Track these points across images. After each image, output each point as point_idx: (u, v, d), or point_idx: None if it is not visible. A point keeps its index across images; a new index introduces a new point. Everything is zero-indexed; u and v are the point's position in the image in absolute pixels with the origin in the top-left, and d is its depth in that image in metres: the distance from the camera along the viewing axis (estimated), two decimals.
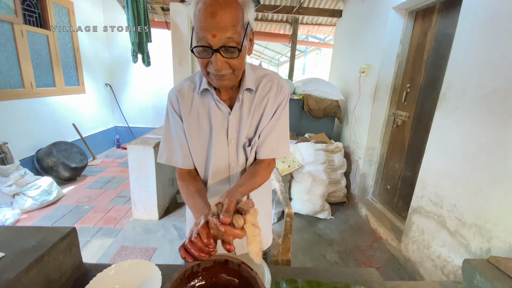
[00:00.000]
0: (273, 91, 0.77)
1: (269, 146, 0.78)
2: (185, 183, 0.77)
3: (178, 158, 0.79)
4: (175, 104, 0.77)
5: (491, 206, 1.34)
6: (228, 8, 0.58)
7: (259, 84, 0.76)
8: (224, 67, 0.63)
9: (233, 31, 0.59)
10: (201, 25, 0.58)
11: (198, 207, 0.66)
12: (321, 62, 10.65)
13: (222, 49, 0.60)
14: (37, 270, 0.61)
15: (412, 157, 2.25)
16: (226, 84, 0.68)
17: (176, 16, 3.32)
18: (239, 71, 0.67)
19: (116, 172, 3.63)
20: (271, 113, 0.77)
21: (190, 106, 0.76)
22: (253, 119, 0.76)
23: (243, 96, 0.75)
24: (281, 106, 0.78)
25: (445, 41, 1.91)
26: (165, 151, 0.80)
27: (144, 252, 2.03)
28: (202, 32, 0.59)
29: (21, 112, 2.96)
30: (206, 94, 0.76)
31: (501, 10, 1.33)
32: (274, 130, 0.78)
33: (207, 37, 0.59)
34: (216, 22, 0.57)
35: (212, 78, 0.66)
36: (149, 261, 0.72)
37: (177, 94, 0.77)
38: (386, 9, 2.41)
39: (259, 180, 0.74)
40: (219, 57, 0.61)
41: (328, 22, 4.32)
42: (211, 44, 0.59)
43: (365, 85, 2.79)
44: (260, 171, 0.75)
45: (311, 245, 2.25)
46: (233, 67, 0.64)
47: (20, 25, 2.87)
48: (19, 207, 2.42)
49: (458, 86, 1.57)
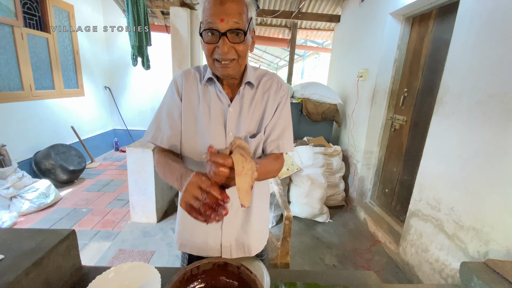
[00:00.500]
0: (273, 89, 0.80)
1: (274, 142, 0.79)
2: (163, 154, 0.76)
3: (164, 137, 0.77)
4: (179, 84, 0.79)
5: (488, 210, 1.35)
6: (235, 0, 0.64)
7: (260, 81, 0.80)
8: (230, 51, 0.67)
9: (239, 17, 0.65)
10: (210, 12, 0.64)
11: (182, 169, 0.64)
12: (319, 66, 10.72)
13: (229, 33, 0.65)
14: (37, 273, 0.61)
15: (409, 161, 2.26)
16: (230, 72, 0.70)
17: (176, 20, 3.35)
18: (242, 60, 0.71)
19: (114, 175, 3.62)
20: (273, 109, 0.79)
21: (192, 91, 0.78)
22: (254, 114, 0.78)
23: (243, 90, 0.77)
24: (282, 103, 0.80)
25: (441, 46, 1.94)
26: (152, 129, 0.79)
27: (142, 255, 2.01)
28: (211, 17, 0.64)
29: (19, 115, 2.96)
30: (210, 84, 0.78)
31: (496, 17, 1.35)
32: (277, 126, 0.79)
33: (215, 22, 0.64)
34: (224, 9, 0.63)
35: (217, 66, 0.70)
36: (148, 264, 0.72)
37: (183, 75, 0.79)
38: (384, 15, 2.45)
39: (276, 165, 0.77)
40: (226, 41, 0.65)
41: (326, 27, 4.37)
42: (219, 28, 0.64)
43: (363, 89, 2.81)
44: (271, 160, 0.77)
45: (310, 248, 2.24)
46: (238, 53, 0.68)
47: (20, 28, 2.88)
48: (16, 210, 2.40)
49: (454, 90, 1.59)
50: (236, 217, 0.82)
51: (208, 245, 0.82)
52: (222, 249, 0.82)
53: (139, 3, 2.85)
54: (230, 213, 0.80)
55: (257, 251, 0.88)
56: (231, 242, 0.82)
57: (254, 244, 0.86)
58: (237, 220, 0.82)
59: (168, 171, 0.68)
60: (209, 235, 0.81)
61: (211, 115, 0.76)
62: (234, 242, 0.82)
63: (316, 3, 3.71)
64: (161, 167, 0.72)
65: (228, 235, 0.81)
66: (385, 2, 2.45)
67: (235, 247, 0.83)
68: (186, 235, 0.84)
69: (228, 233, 0.81)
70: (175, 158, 0.74)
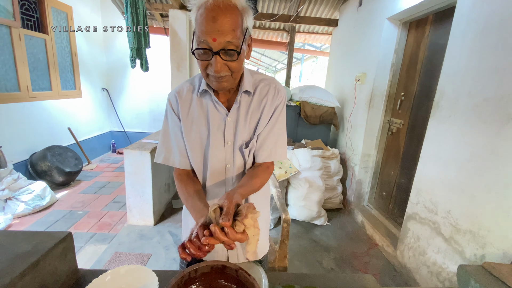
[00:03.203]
0: (270, 95, 0.78)
1: (267, 150, 0.79)
2: (183, 184, 0.77)
3: (175, 158, 0.79)
4: (174, 105, 0.78)
5: (485, 213, 1.36)
6: (228, 14, 0.60)
7: (257, 88, 0.78)
8: (223, 69, 0.65)
9: (232, 35, 0.61)
10: (202, 28, 0.61)
11: (198, 208, 0.66)
12: (317, 69, 10.79)
13: (222, 52, 0.62)
14: (32, 276, 0.60)
15: (407, 164, 2.27)
16: (225, 86, 0.69)
17: (174, 22, 3.36)
18: (237, 74, 0.69)
19: (111, 177, 3.59)
20: (268, 116, 0.78)
21: (188, 107, 0.78)
22: (251, 122, 0.77)
23: (241, 98, 0.76)
24: (278, 110, 0.79)
25: (438, 51, 1.97)
26: (162, 151, 0.81)
27: (139, 258, 2.00)
28: (203, 35, 0.61)
29: (16, 116, 2.93)
30: (205, 96, 0.77)
31: (491, 23, 1.38)
32: (271, 134, 0.79)
33: (207, 40, 0.61)
34: (217, 26, 0.60)
35: (212, 80, 0.68)
36: (145, 267, 0.72)
37: (176, 96, 0.78)
38: (381, 20, 2.48)
39: (258, 182, 0.74)
40: (219, 59, 0.63)
41: (324, 31, 4.41)
42: (211, 47, 0.62)
43: (361, 93, 2.83)
44: (259, 174, 0.76)
45: (308, 251, 2.24)
46: (231, 69, 0.66)
47: (18, 29, 2.87)
48: (11, 212, 2.37)
49: (450, 95, 1.61)
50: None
51: (214, 250, 0.82)
52: (228, 253, 0.83)
53: (138, 5, 2.86)
54: None
55: (263, 253, 0.90)
56: (237, 247, 0.83)
57: (260, 247, 0.87)
58: None
59: (189, 205, 0.72)
60: None
61: (210, 126, 0.76)
62: (240, 246, 0.83)
63: (314, 7, 3.74)
64: (183, 199, 0.75)
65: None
66: (382, 7, 2.48)
67: (241, 251, 0.84)
68: None
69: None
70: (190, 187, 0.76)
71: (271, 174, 0.81)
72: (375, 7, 2.62)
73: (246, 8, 0.65)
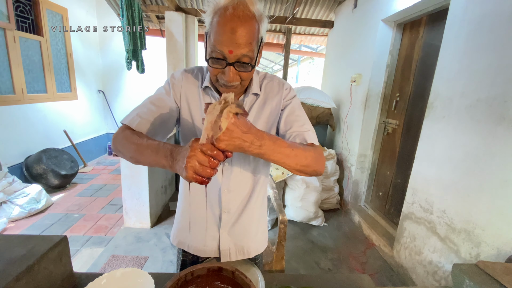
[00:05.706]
0: (275, 89, 0.79)
1: (298, 134, 0.73)
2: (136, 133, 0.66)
3: (137, 119, 0.70)
4: (178, 78, 0.77)
5: (479, 212, 1.37)
6: (247, 25, 0.59)
7: (261, 86, 0.79)
8: (235, 79, 0.65)
9: (249, 48, 0.61)
10: (219, 38, 0.60)
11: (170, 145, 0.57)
12: (313, 71, 10.84)
13: (237, 64, 0.62)
14: (27, 280, 0.60)
15: (402, 164, 2.29)
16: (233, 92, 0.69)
17: (171, 24, 3.36)
18: (247, 82, 0.70)
19: (107, 179, 3.57)
20: (278, 108, 0.78)
21: (191, 92, 0.77)
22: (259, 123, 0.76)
23: (247, 99, 0.76)
24: (288, 97, 0.79)
25: (432, 52, 1.99)
26: (132, 114, 0.73)
27: (135, 261, 1.98)
28: (220, 45, 0.60)
29: (10, 118, 2.91)
30: (207, 92, 0.77)
31: (484, 24, 1.40)
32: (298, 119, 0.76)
33: (223, 51, 0.60)
34: (235, 38, 0.59)
35: (221, 85, 0.68)
36: (141, 270, 0.72)
37: (183, 74, 0.78)
38: (376, 21, 2.50)
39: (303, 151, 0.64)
40: (232, 70, 0.63)
41: (320, 33, 4.43)
42: (226, 57, 0.61)
43: (356, 94, 2.85)
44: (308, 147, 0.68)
45: (305, 252, 2.24)
46: (242, 78, 0.67)
47: (12, 31, 2.85)
48: (6, 216, 2.34)
49: (444, 95, 1.63)
50: (233, 221, 0.82)
51: (206, 246, 0.82)
52: (220, 252, 0.82)
53: (134, 7, 2.85)
54: (226, 218, 0.81)
55: (257, 252, 0.88)
56: (230, 246, 0.83)
57: (254, 246, 0.87)
58: (234, 224, 0.82)
59: (146, 149, 0.59)
60: (207, 236, 0.82)
61: None
62: (233, 245, 0.83)
63: (310, 9, 3.76)
64: (134, 145, 0.62)
65: (226, 239, 0.82)
66: (377, 9, 2.50)
67: (234, 250, 0.83)
68: (184, 233, 0.85)
69: (226, 237, 0.82)
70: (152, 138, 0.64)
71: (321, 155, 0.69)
72: (370, 9, 2.65)
73: (262, 16, 0.64)
